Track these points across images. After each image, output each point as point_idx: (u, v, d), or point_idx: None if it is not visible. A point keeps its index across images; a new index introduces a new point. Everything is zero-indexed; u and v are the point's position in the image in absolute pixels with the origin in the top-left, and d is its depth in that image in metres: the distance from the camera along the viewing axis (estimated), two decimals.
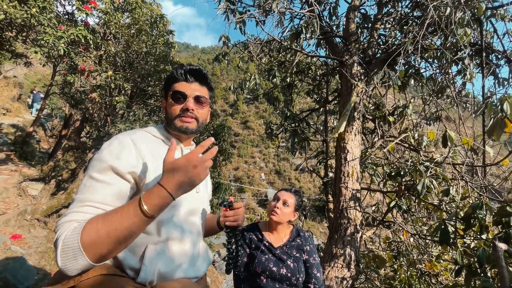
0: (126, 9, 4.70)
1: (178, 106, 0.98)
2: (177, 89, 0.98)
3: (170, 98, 0.99)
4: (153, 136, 0.98)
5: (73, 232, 0.70)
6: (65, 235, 0.70)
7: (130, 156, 0.86)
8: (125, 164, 0.84)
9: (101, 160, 0.83)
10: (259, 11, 3.05)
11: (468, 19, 2.44)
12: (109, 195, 0.80)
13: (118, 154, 0.84)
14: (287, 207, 1.61)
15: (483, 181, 2.30)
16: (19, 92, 12.36)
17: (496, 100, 2.21)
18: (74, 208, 0.77)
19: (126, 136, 0.90)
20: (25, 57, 7.11)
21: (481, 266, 1.69)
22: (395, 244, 3.18)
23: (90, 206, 0.78)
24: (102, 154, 0.84)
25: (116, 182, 0.82)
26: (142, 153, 0.88)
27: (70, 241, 0.69)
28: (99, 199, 0.79)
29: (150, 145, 0.92)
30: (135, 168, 0.85)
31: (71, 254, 0.68)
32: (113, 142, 0.87)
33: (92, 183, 0.80)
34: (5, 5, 3.64)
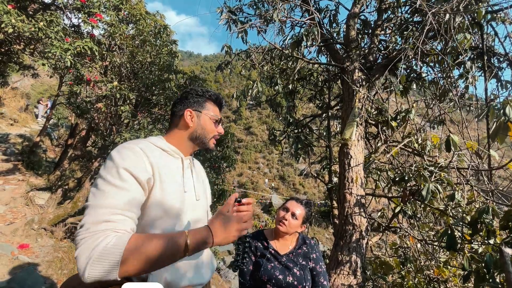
0: (131, 20, 4.81)
1: (215, 129, 1.10)
2: (218, 116, 1.12)
3: (210, 119, 1.09)
4: (155, 146, 1.00)
5: (118, 240, 0.72)
6: (106, 243, 0.71)
7: (143, 162, 0.88)
8: (140, 171, 0.85)
9: (116, 166, 0.83)
10: (260, 21, 3.11)
11: (468, 24, 2.46)
12: (130, 202, 0.81)
13: (133, 161, 0.85)
14: (296, 220, 1.59)
15: (489, 185, 2.28)
16: (26, 103, 12.60)
17: (499, 103, 2.20)
18: (103, 216, 0.76)
19: (133, 144, 0.92)
20: (33, 68, 7.29)
21: (489, 271, 1.67)
22: (402, 250, 3.14)
23: (119, 215, 0.78)
24: (116, 161, 0.84)
25: (134, 188, 0.83)
26: (151, 160, 0.90)
27: (112, 250, 0.70)
28: (123, 206, 0.79)
29: (154, 154, 0.95)
30: (148, 175, 0.87)
31: (107, 264, 0.69)
32: (123, 150, 0.88)
33: (113, 189, 0.80)
34: (14, 19, 3.75)
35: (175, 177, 0.99)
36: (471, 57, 2.86)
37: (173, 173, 0.99)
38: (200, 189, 1.12)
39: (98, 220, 0.75)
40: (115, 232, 0.74)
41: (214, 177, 5.98)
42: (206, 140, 1.08)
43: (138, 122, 4.70)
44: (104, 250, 0.70)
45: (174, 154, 1.04)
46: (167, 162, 0.98)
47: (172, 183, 0.96)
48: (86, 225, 0.74)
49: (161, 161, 0.96)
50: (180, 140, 1.06)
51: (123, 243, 0.72)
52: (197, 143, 1.08)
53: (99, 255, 0.69)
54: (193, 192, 1.06)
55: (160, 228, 0.90)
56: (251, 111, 42.68)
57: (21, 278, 3.05)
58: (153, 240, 0.77)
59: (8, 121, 10.32)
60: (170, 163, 1.00)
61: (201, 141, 1.07)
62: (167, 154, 1.02)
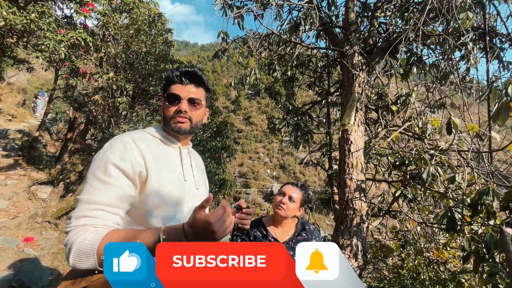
0: (124, 9, 4.69)
1: (173, 108, 1.00)
2: (172, 92, 1.01)
3: (166, 100, 1.02)
4: (152, 136, 1.00)
5: (92, 239, 0.76)
6: (82, 239, 0.76)
7: (133, 155, 0.87)
8: (129, 164, 0.86)
9: (105, 160, 0.85)
10: (256, 5, 3.03)
11: (470, 3, 2.39)
12: (116, 197, 0.83)
13: (121, 155, 0.86)
14: (293, 202, 1.59)
15: (490, 167, 2.28)
16: (23, 98, 12.48)
17: (501, 84, 2.17)
18: (85, 211, 0.80)
19: (126, 136, 0.92)
20: (27, 62, 7.18)
21: (489, 251, 1.69)
22: (402, 233, 3.18)
23: (100, 210, 0.81)
24: (106, 154, 0.86)
25: (121, 183, 0.84)
26: (143, 152, 0.90)
27: (87, 246, 0.75)
28: (107, 201, 0.82)
29: (149, 145, 0.94)
30: (138, 167, 0.87)
31: (84, 257, 0.75)
32: (115, 142, 0.89)
33: (99, 184, 0.82)
34: (5, 12, 3.66)
35: (173, 167, 0.98)
36: (472, 38, 2.80)
37: (172, 163, 0.99)
38: (200, 178, 1.11)
39: (80, 215, 0.80)
40: (94, 227, 0.78)
41: (215, 167, 5.99)
42: (168, 122, 1.01)
43: (136, 113, 4.66)
44: (80, 245, 0.75)
45: (171, 144, 1.03)
46: (165, 152, 0.98)
47: (170, 173, 0.95)
48: (71, 219, 0.80)
49: (158, 151, 0.95)
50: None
51: (98, 239, 0.76)
52: (168, 129, 1.02)
53: (77, 249, 0.75)
54: (193, 181, 1.06)
55: (159, 217, 0.91)
56: (250, 101, 42.39)
57: (27, 270, 3.11)
58: (126, 232, 0.79)
59: (6, 116, 10.26)
60: (169, 153, 1.00)
61: (166, 125, 1.02)
62: (164, 144, 1.02)
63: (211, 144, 5.76)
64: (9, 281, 2.86)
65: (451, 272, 2.77)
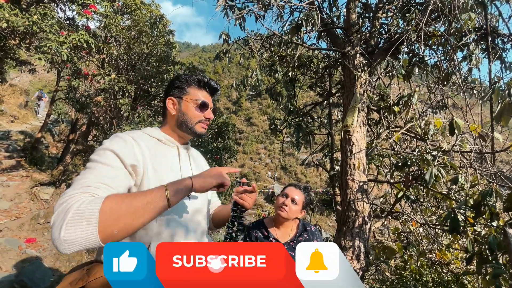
0: (126, 11, 4.71)
1: (201, 114, 1.06)
2: (204, 99, 1.07)
3: (194, 104, 1.05)
4: (149, 136, 1.01)
5: (92, 200, 0.69)
6: (81, 203, 0.67)
7: (132, 150, 0.88)
8: (127, 156, 0.86)
9: (104, 148, 0.86)
10: (258, 6, 3.03)
11: (472, 3, 2.38)
12: (115, 178, 0.81)
13: (121, 147, 0.87)
14: (296, 205, 1.58)
15: (493, 168, 2.26)
16: (25, 99, 12.56)
17: (504, 84, 2.16)
18: (82, 186, 0.74)
19: (125, 134, 0.93)
20: (30, 64, 7.22)
21: (492, 253, 1.67)
22: (405, 235, 3.16)
23: (100, 183, 0.77)
24: (105, 145, 0.87)
25: (117, 165, 0.84)
26: (142, 149, 0.91)
27: (88, 208, 0.66)
28: (108, 181, 0.79)
29: (148, 144, 0.95)
30: (136, 162, 0.87)
31: (84, 222, 0.64)
32: (114, 138, 0.90)
33: (98, 165, 0.81)
34: (7, 14, 3.69)
35: (171, 166, 0.99)
36: (474, 38, 2.79)
37: (170, 162, 0.99)
38: None
39: (78, 187, 0.73)
40: (92, 196, 0.72)
41: None
42: (190, 125, 1.05)
43: (138, 115, 4.67)
44: (78, 208, 0.66)
45: (169, 143, 1.05)
46: (163, 152, 0.99)
47: (169, 172, 0.96)
48: (65, 195, 0.72)
49: (156, 151, 0.96)
50: (171, 129, 1.07)
51: (100, 200, 0.69)
52: (184, 130, 1.06)
53: (74, 214, 0.65)
54: None
55: (160, 218, 0.90)
56: (251, 102, 42.41)
57: (29, 271, 3.11)
58: (129, 194, 0.78)
59: (8, 118, 10.32)
60: (166, 152, 1.01)
61: (186, 126, 1.05)
62: (162, 144, 1.03)
63: (213, 145, 5.77)
64: (11, 282, 2.87)
65: (454, 273, 2.75)
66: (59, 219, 0.65)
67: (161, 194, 0.77)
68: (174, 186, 0.81)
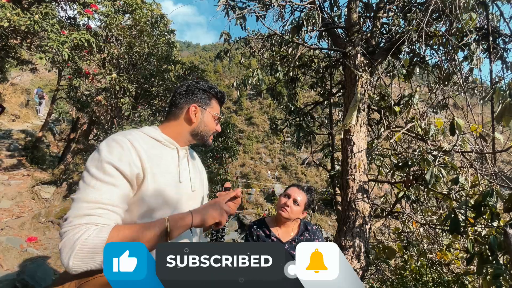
0: (127, 10, 4.72)
1: (215, 126, 1.12)
2: (219, 112, 1.14)
3: (214, 118, 1.11)
4: (148, 136, 0.98)
5: (98, 234, 0.73)
6: (87, 236, 0.73)
7: (130, 157, 0.86)
8: (126, 165, 0.84)
9: (102, 160, 0.82)
10: (259, 6, 3.03)
11: (473, 3, 2.38)
12: (116, 196, 0.82)
13: (119, 156, 0.84)
14: (297, 206, 1.58)
15: (493, 168, 2.26)
16: (26, 98, 12.59)
17: (505, 85, 2.16)
18: (85, 210, 0.77)
19: (122, 136, 0.90)
20: (31, 63, 7.23)
21: (492, 253, 1.67)
22: (405, 235, 3.16)
23: (102, 209, 0.79)
24: (103, 154, 0.84)
25: (120, 183, 0.83)
26: (140, 153, 0.88)
27: (94, 242, 0.72)
28: (108, 200, 0.80)
29: (145, 146, 0.93)
30: (135, 169, 0.86)
31: (89, 256, 0.72)
32: (111, 143, 0.87)
33: (97, 183, 0.80)
34: (9, 13, 3.69)
35: (169, 168, 0.98)
36: (476, 38, 2.79)
37: (168, 164, 0.98)
38: (196, 179, 1.10)
39: (80, 214, 0.76)
40: (96, 225, 0.76)
41: (217, 167, 6.00)
42: (206, 137, 1.10)
43: (138, 114, 4.68)
44: (85, 242, 0.72)
45: (169, 145, 1.03)
46: (161, 153, 0.97)
47: (166, 174, 0.95)
48: (69, 219, 0.76)
49: (155, 152, 0.95)
50: (179, 132, 1.06)
51: (104, 235, 0.74)
52: (197, 139, 1.09)
53: (82, 247, 0.71)
54: (189, 183, 1.05)
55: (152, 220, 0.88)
56: (252, 101, 42.40)
57: (31, 270, 3.12)
58: (132, 225, 0.80)
59: (9, 117, 10.35)
60: (165, 153, 0.99)
61: (201, 137, 1.09)
62: (161, 144, 1.01)
63: (213, 144, 5.77)
64: (12, 281, 2.88)
65: (454, 273, 2.75)
66: (66, 248, 0.72)
67: (162, 231, 0.81)
68: (174, 222, 0.84)
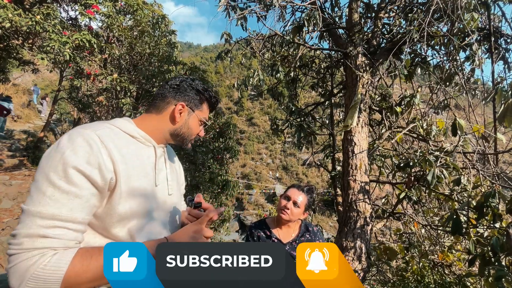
0: (128, 11, 4.73)
1: (198, 130, 1.02)
2: (207, 118, 1.03)
3: (200, 122, 1.01)
4: (121, 131, 0.84)
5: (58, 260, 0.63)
6: (44, 263, 0.61)
7: (101, 158, 0.71)
8: (96, 170, 0.70)
9: (65, 162, 0.67)
10: (260, 6, 3.04)
11: (475, 3, 2.37)
12: (78, 210, 0.68)
13: (87, 157, 0.69)
14: (298, 208, 1.57)
15: (495, 169, 2.25)
16: (28, 99, 12.64)
17: (507, 85, 2.15)
18: (39, 229, 0.63)
19: (90, 130, 0.74)
20: (32, 64, 7.26)
21: (495, 255, 1.66)
22: (406, 236, 3.15)
23: (60, 228, 0.65)
24: (65, 154, 0.67)
25: (86, 194, 0.69)
26: (112, 153, 0.74)
27: (52, 270, 0.61)
28: (68, 216, 0.66)
29: (118, 143, 0.79)
30: (108, 173, 0.72)
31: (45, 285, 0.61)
32: (77, 140, 0.71)
33: (56, 193, 0.65)
34: (10, 14, 3.71)
35: (145, 169, 0.85)
36: (477, 38, 2.78)
37: (144, 165, 0.85)
38: (173, 181, 0.99)
39: (33, 234, 0.63)
40: (53, 250, 0.64)
41: (217, 168, 6.00)
42: (187, 140, 0.98)
43: (139, 114, 4.68)
44: (40, 271, 0.61)
45: (145, 142, 0.89)
46: (136, 151, 0.84)
47: (141, 177, 0.83)
48: (19, 238, 0.63)
49: (129, 150, 0.81)
50: (157, 129, 0.93)
51: (64, 264, 0.63)
52: (176, 140, 0.97)
53: (35, 277, 0.60)
54: (166, 185, 0.93)
55: (126, 228, 0.79)
56: (253, 102, 42.44)
57: None
58: (93, 259, 0.66)
59: (11, 117, 10.39)
60: (140, 152, 0.86)
61: (181, 139, 0.97)
62: (136, 141, 0.87)
63: (214, 145, 5.77)
64: None
65: (456, 275, 2.73)
66: (16, 275, 0.61)
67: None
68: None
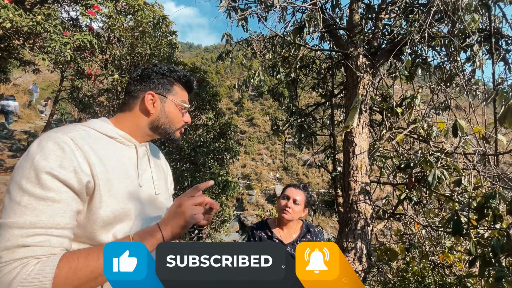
0: (129, 12, 4.74)
1: (181, 118, 0.92)
2: (187, 102, 0.93)
3: (177, 106, 0.90)
4: (98, 132, 0.79)
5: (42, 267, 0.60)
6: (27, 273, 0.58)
7: (75, 161, 0.67)
8: (71, 174, 0.66)
9: (37, 169, 0.63)
10: (260, 7, 3.04)
11: (476, 4, 2.37)
12: (59, 215, 0.64)
13: (59, 161, 0.65)
14: (298, 205, 1.60)
15: (496, 170, 2.25)
16: (29, 99, 12.67)
17: (507, 86, 2.15)
18: (18, 240, 0.60)
19: (62, 133, 0.69)
20: (33, 64, 7.28)
21: (495, 255, 1.66)
22: (407, 237, 3.15)
23: (41, 235, 0.62)
24: (35, 160, 0.64)
25: (64, 197, 0.65)
26: (87, 155, 0.70)
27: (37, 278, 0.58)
28: (49, 222, 0.62)
29: (95, 145, 0.74)
30: (84, 176, 0.68)
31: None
32: (47, 144, 0.66)
33: (31, 201, 0.62)
34: (11, 14, 3.72)
35: (127, 171, 0.80)
36: (478, 39, 2.78)
37: (125, 166, 0.80)
38: (160, 181, 0.94)
39: (12, 245, 0.59)
40: (36, 259, 0.60)
41: (218, 168, 6.01)
42: (171, 130, 0.90)
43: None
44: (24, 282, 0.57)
45: (125, 142, 0.84)
46: (116, 153, 0.79)
47: (123, 179, 0.78)
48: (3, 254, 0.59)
49: (107, 151, 0.77)
50: (135, 126, 0.87)
51: (50, 270, 0.59)
52: (158, 133, 0.90)
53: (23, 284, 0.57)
54: (152, 185, 0.89)
55: (110, 234, 0.74)
56: (253, 102, 42.49)
57: None
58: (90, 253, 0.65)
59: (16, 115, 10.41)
60: (120, 153, 0.81)
61: (164, 131, 0.90)
62: (115, 141, 0.82)
63: (215, 145, 5.77)
64: None
65: (456, 276, 2.73)
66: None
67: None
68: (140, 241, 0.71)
